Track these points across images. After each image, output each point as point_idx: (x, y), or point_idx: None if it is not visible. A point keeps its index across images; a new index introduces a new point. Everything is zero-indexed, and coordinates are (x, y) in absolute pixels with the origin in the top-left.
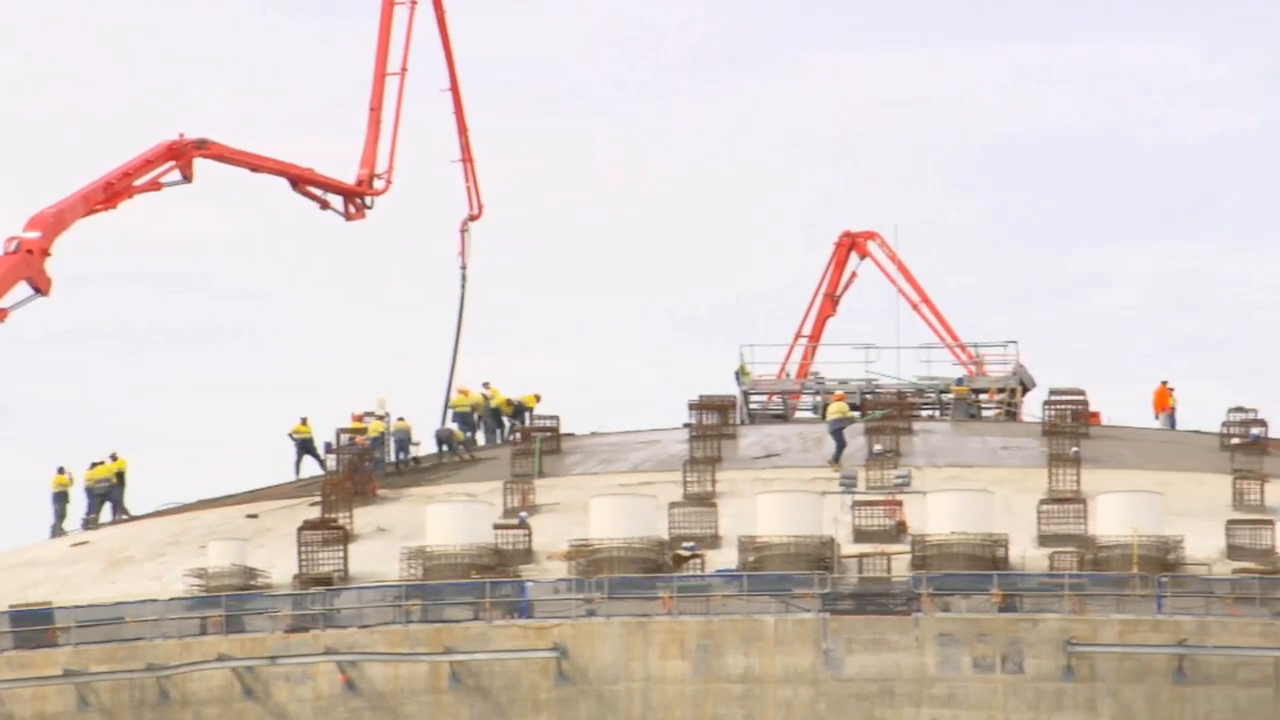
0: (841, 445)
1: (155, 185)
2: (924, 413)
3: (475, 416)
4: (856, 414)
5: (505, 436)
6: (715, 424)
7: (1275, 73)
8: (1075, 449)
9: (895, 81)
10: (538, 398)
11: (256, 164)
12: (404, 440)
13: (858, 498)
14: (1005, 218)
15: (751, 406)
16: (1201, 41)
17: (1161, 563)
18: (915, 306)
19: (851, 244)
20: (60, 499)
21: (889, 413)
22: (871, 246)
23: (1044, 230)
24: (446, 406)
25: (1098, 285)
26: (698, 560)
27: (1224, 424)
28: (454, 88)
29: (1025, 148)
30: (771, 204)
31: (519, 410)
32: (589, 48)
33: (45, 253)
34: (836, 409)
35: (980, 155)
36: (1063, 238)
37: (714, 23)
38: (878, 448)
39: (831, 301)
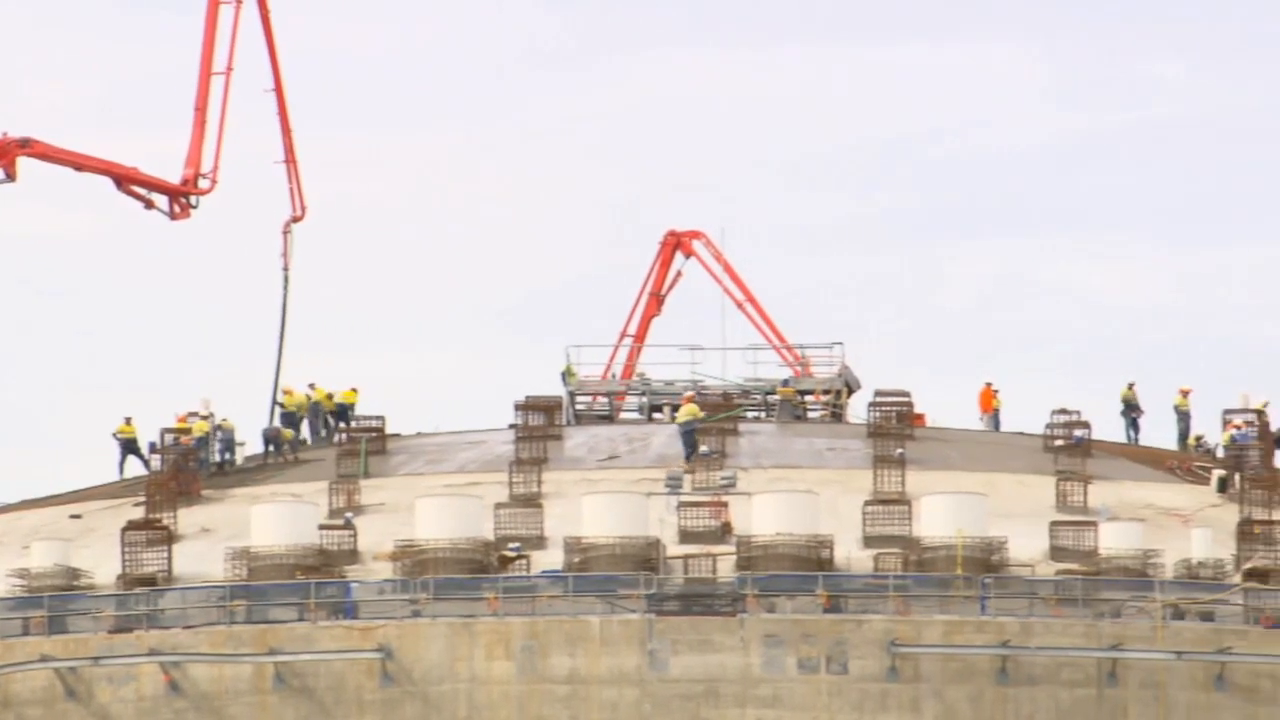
0: (692, 446)
1: None
2: (750, 414)
3: (300, 416)
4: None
5: (331, 436)
6: (541, 425)
7: (1101, 76)
8: (900, 450)
9: (726, 82)
10: (355, 392)
11: (81, 163)
12: (229, 440)
13: (683, 499)
14: (832, 219)
15: (577, 407)
16: (1031, 44)
17: (985, 564)
18: (740, 305)
19: (677, 243)
20: None
21: (739, 413)
22: (697, 246)
23: (870, 232)
24: (274, 406)
25: (923, 287)
26: (523, 561)
27: (1048, 426)
28: (278, 88)
29: (854, 149)
30: (599, 204)
31: (341, 409)
32: (415, 48)
33: None
34: (687, 411)
35: (809, 156)
36: (889, 239)
37: (543, 22)
38: (704, 449)
39: (657, 300)
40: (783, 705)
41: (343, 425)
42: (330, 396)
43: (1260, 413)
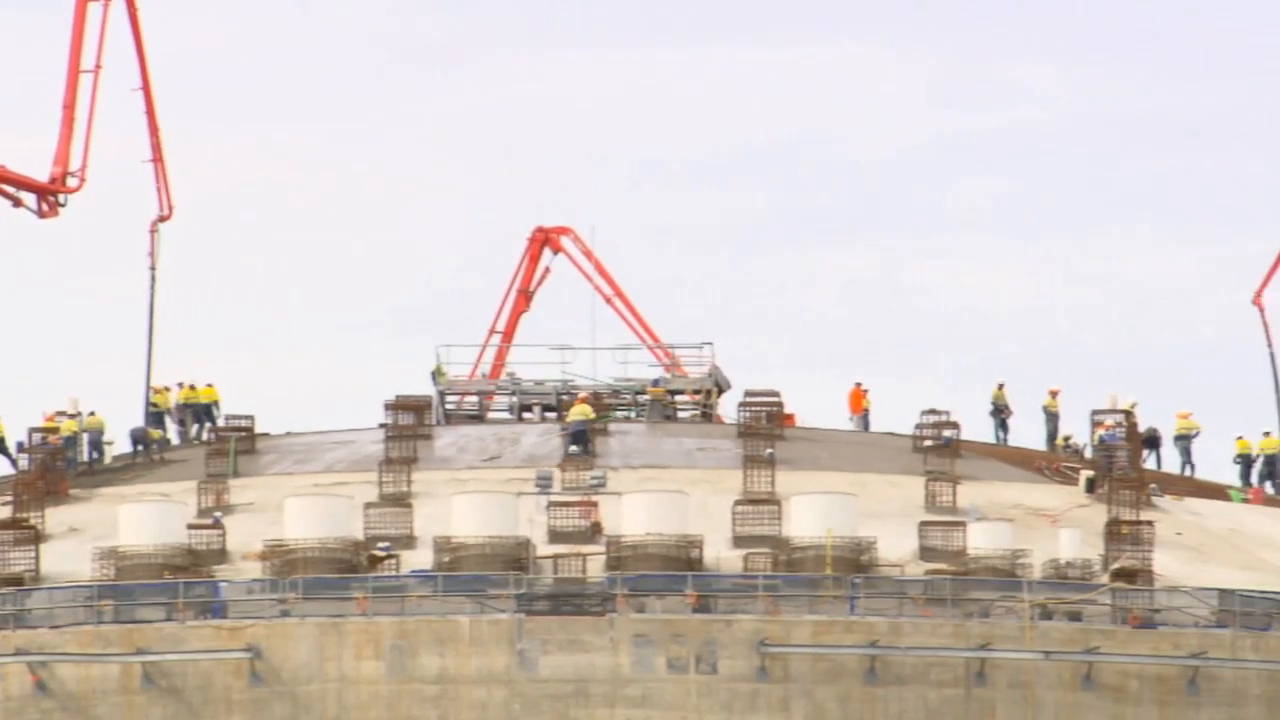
0: (583, 446)
1: None
2: (619, 413)
3: (165, 415)
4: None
5: (200, 436)
6: (411, 424)
7: (972, 79)
8: (770, 450)
9: (597, 80)
10: (211, 388)
11: None
12: (97, 440)
13: (553, 499)
14: (704, 219)
15: (447, 407)
16: (903, 47)
17: (854, 564)
18: (609, 300)
19: (545, 239)
20: None
21: (629, 414)
22: (565, 242)
23: (741, 232)
24: (148, 405)
25: (793, 287)
26: (392, 561)
27: (917, 426)
28: (145, 87)
29: (726, 149)
30: (468, 201)
31: (205, 408)
32: (284, 47)
33: None
34: (578, 410)
35: (681, 156)
36: (760, 239)
37: (413, 21)
38: (574, 449)
39: (525, 297)
40: (652, 705)
41: (209, 425)
42: (193, 386)
43: (1128, 413)
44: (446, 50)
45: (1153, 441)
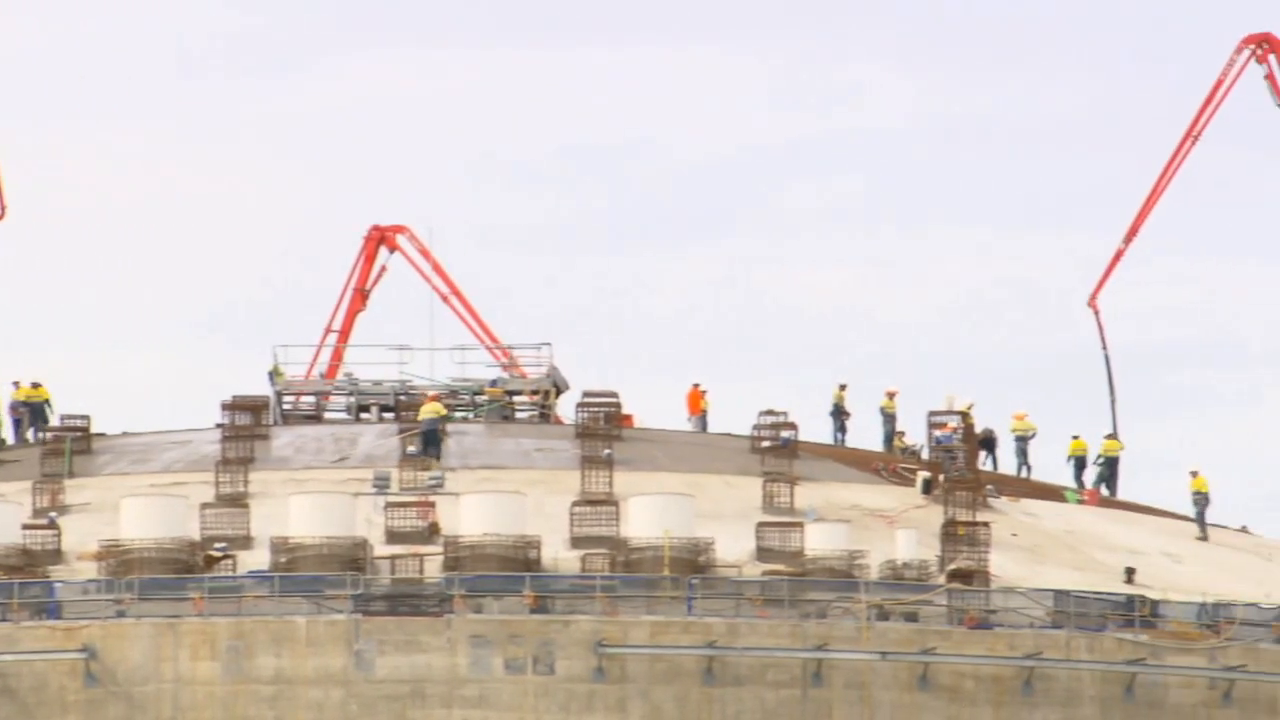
0: (435, 445)
1: None
2: (458, 413)
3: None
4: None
5: (34, 435)
6: (248, 425)
7: (812, 81)
8: (608, 451)
9: (435, 80)
10: (42, 387)
11: None
12: None
13: (390, 499)
14: (543, 219)
15: (284, 407)
16: (744, 49)
17: (692, 564)
18: (446, 299)
19: (381, 238)
20: None
21: (503, 406)
22: (401, 240)
23: (581, 232)
24: None
25: (632, 288)
26: (229, 561)
27: (755, 427)
28: None
29: (566, 150)
30: (305, 200)
31: (39, 408)
32: (120, 48)
33: None
34: (430, 409)
35: (521, 156)
36: (600, 240)
37: (249, 22)
38: (411, 449)
39: (362, 296)
40: (489, 706)
41: (43, 424)
42: (16, 384)
43: (965, 415)
44: (284, 50)
45: (989, 443)
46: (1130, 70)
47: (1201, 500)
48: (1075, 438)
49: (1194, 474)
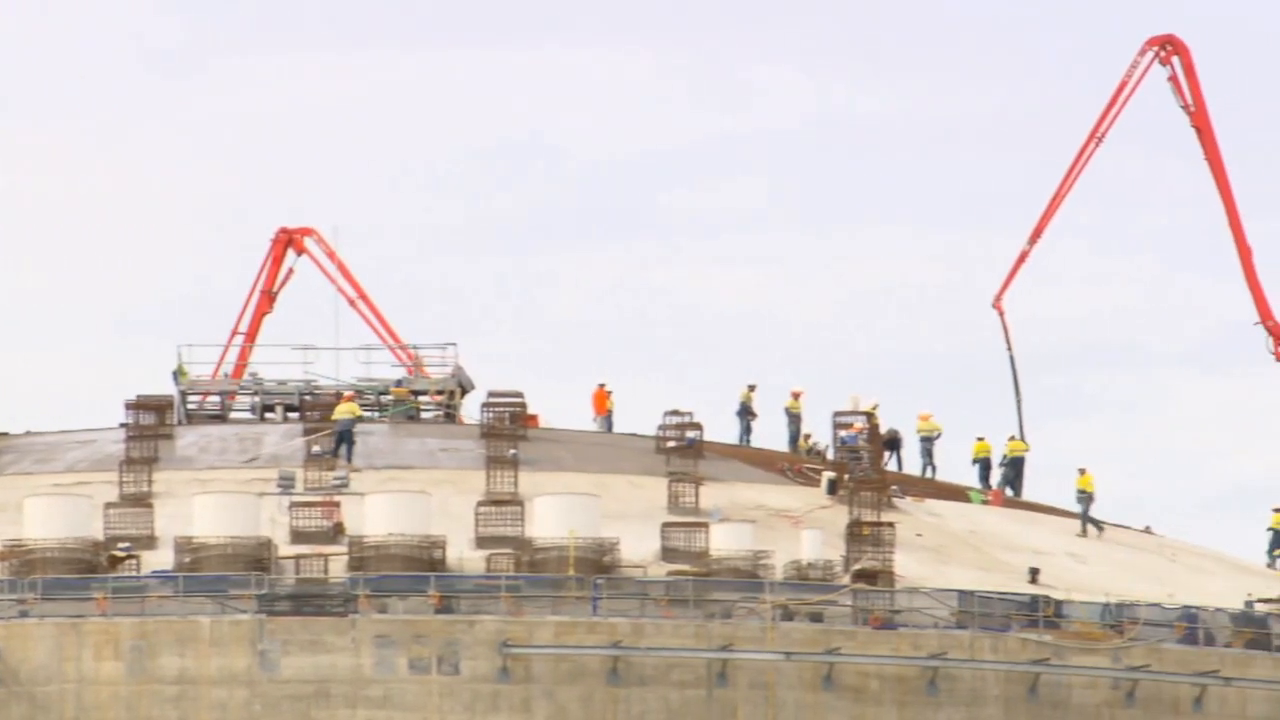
0: (350, 445)
1: None
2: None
3: None
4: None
5: None
6: (152, 424)
7: (717, 82)
8: (513, 451)
9: (342, 82)
10: None
11: None
12: None
13: (295, 499)
14: (449, 220)
15: (189, 407)
16: (653, 49)
17: (597, 565)
18: (353, 303)
19: (289, 240)
20: None
21: (409, 406)
22: (309, 243)
23: (489, 233)
24: None
25: (539, 288)
26: (133, 561)
27: (660, 427)
28: None
29: (473, 151)
30: (212, 202)
31: None
32: (34, 46)
33: None
34: (346, 409)
35: (428, 157)
36: (508, 241)
37: (161, 23)
38: (316, 449)
39: (269, 298)
40: (393, 706)
41: None
42: None
43: (870, 415)
44: (192, 52)
45: (894, 443)
46: (1035, 71)
47: (1085, 498)
48: (979, 439)
49: (1081, 471)
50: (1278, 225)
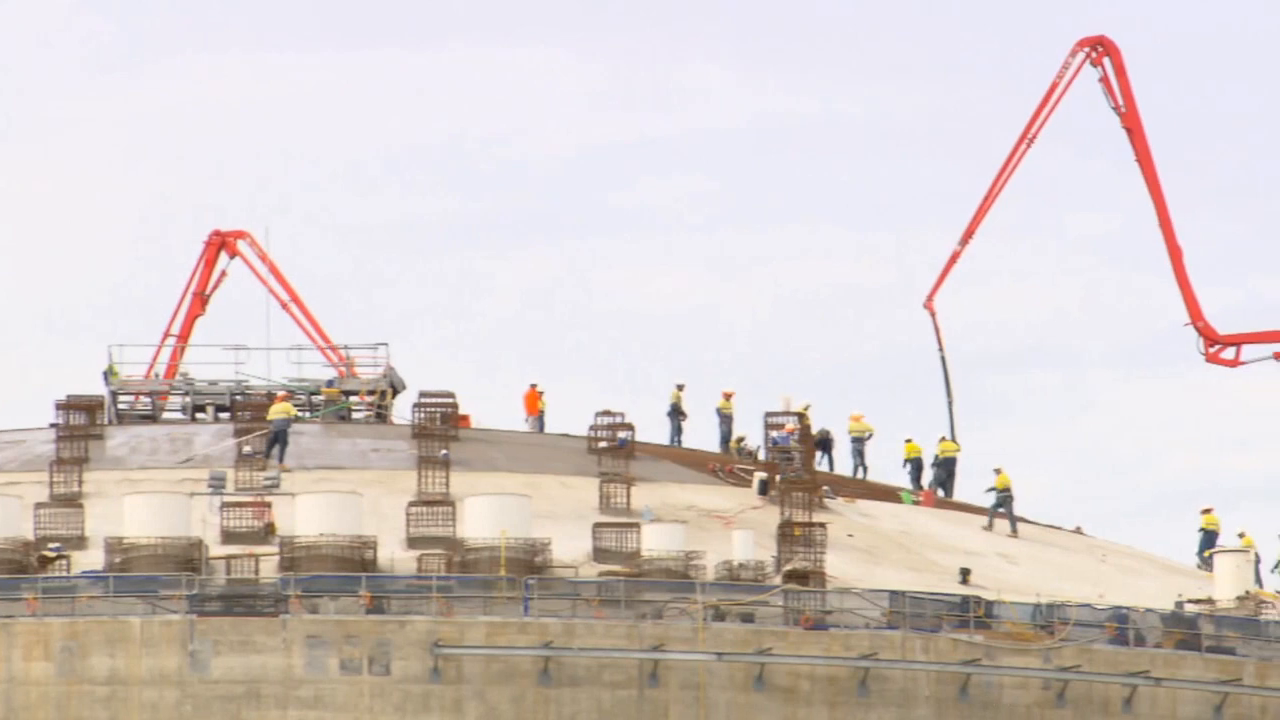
0: (284, 445)
1: None
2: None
3: None
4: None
5: None
6: (83, 424)
7: (647, 81)
8: (444, 451)
9: (275, 83)
10: None
11: None
12: None
13: (226, 499)
14: (382, 220)
15: (120, 407)
16: (579, 49)
17: (528, 565)
18: (285, 305)
19: (221, 243)
20: None
21: (340, 407)
22: (242, 246)
23: (421, 233)
24: None
25: (471, 289)
26: (63, 561)
27: (592, 428)
28: None
29: (405, 152)
30: (146, 203)
31: None
32: None
33: None
34: (280, 409)
35: (360, 158)
36: (439, 241)
37: (95, 23)
38: (247, 449)
39: (201, 300)
40: (324, 706)
41: None
42: None
43: (801, 415)
44: (125, 52)
45: (825, 444)
46: (969, 72)
47: (1005, 497)
48: (908, 441)
49: (997, 471)
50: (1208, 226)
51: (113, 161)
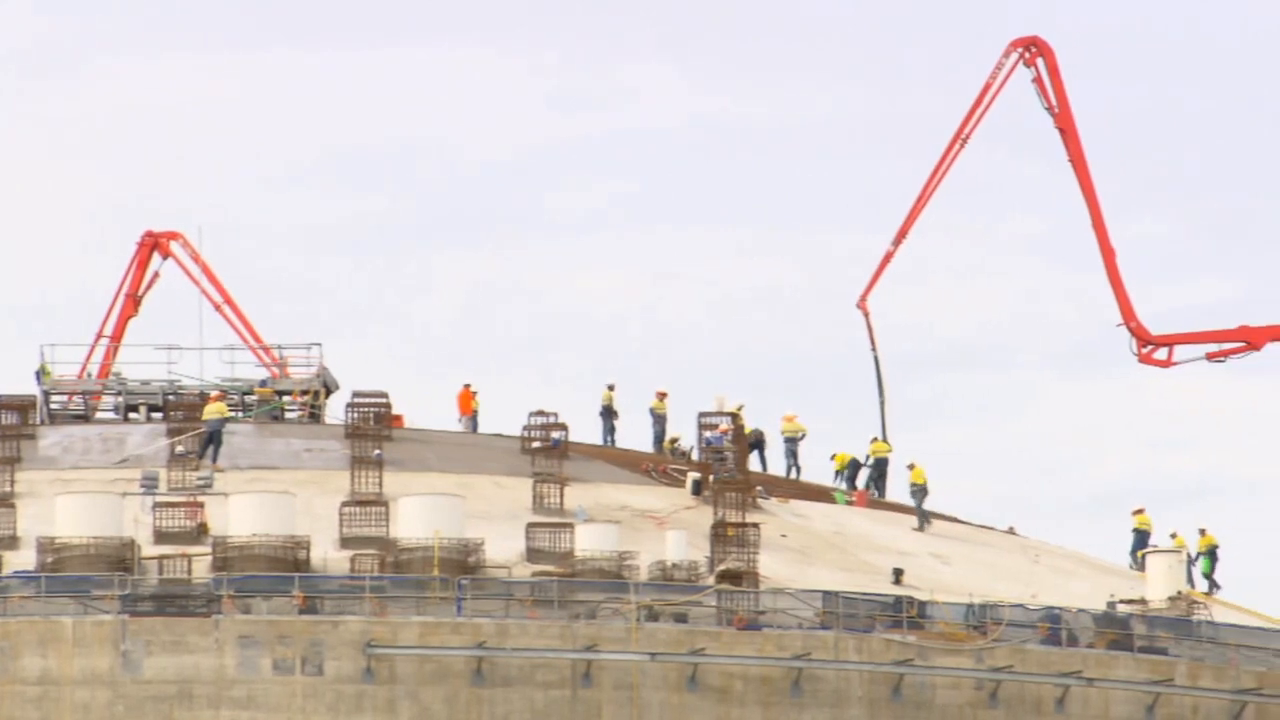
0: (218, 445)
1: None
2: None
3: None
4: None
5: None
6: (15, 424)
7: (584, 82)
8: (377, 451)
9: (209, 84)
10: None
11: None
12: None
13: (159, 499)
14: (316, 221)
15: (52, 406)
16: (517, 49)
17: (462, 565)
18: (218, 307)
19: (154, 244)
20: None
21: (273, 407)
22: (175, 247)
23: (356, 234)
24: None
25: (406, 289)
26: None
27: (525, 428)
28: None
29: (341, 152)
30: (79, 203)
31: None
32: None
33: None
34: (215, 409)
35: (296, 158)
36: (375, 241)
37: (28, 23)
38: (180, 449)
39: (134, 301)
40: (257, 706)
41: None
42: None
43: (735, 416)
44: (58, 52)
45: (758, 444)
46: (906, 72)
47: (919, 492)
48: (835, 455)
49: (911, 466)
50: (1141, 227)
51: (45, 162)
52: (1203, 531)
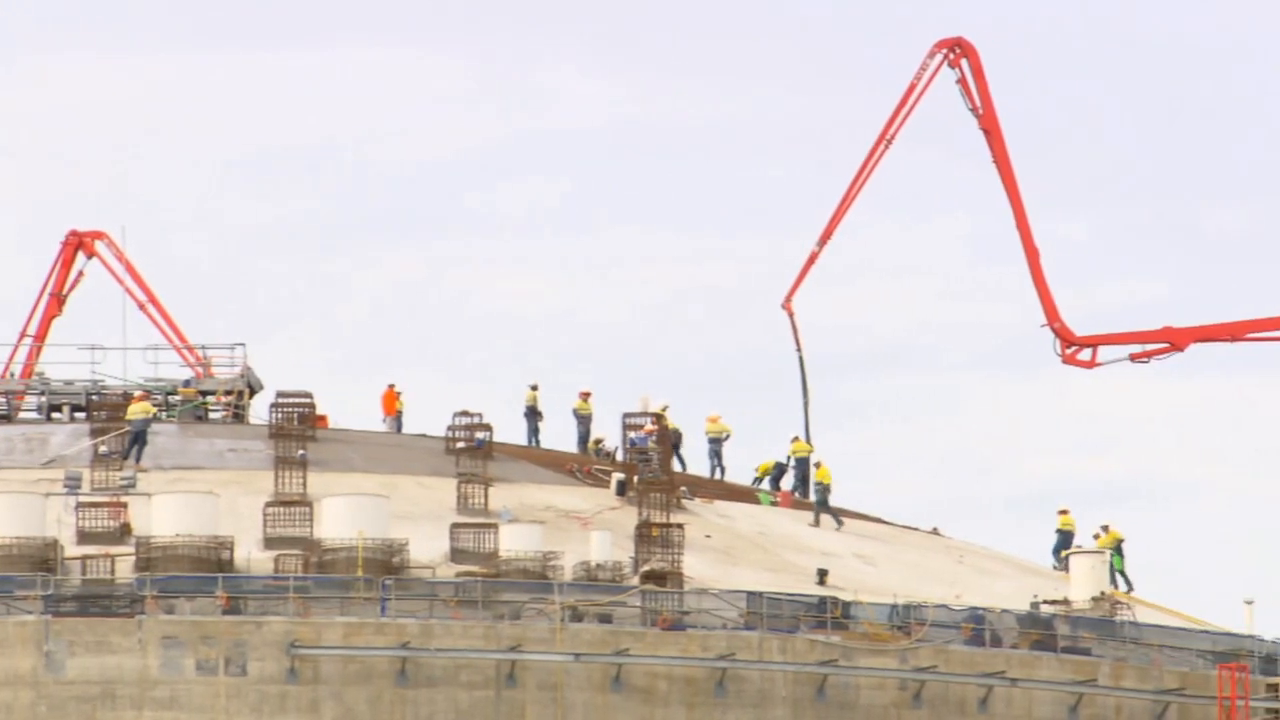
0: (142, 445)
1: None
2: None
3: None
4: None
5: None
6: None
7: (511, 84)
8: (302, 451)
9: (137, 82)
10: None
11: None
12: None
13: (82, 499)
14: (242, 221)
15: None
16: (443, 50)
17: (386, 565)
18: (142, 307)
19: (79, 243)
20: None
21: (197, 407)
22: (100, 246)
23: (283, 234)
24: None
25: (331, 289)
26: None
27: (449, 428)
28: None
29: (268, 152)
30: (3, 204)
31: None
32: None
33: None
34: (139, 409)
35: (223, 158)
36: (301, 241)
37: None
38: (103, 449)
39: (58, 301)
40: (180, 707)
41: None
42: None
43: (659, 416)
44: None
45: (676, 442)
46: (831, 73)
47: (822, 489)
48: (760, 465)
49: (817, 465)
50: (1066, 228)
51: None
52: (1106, 528)
